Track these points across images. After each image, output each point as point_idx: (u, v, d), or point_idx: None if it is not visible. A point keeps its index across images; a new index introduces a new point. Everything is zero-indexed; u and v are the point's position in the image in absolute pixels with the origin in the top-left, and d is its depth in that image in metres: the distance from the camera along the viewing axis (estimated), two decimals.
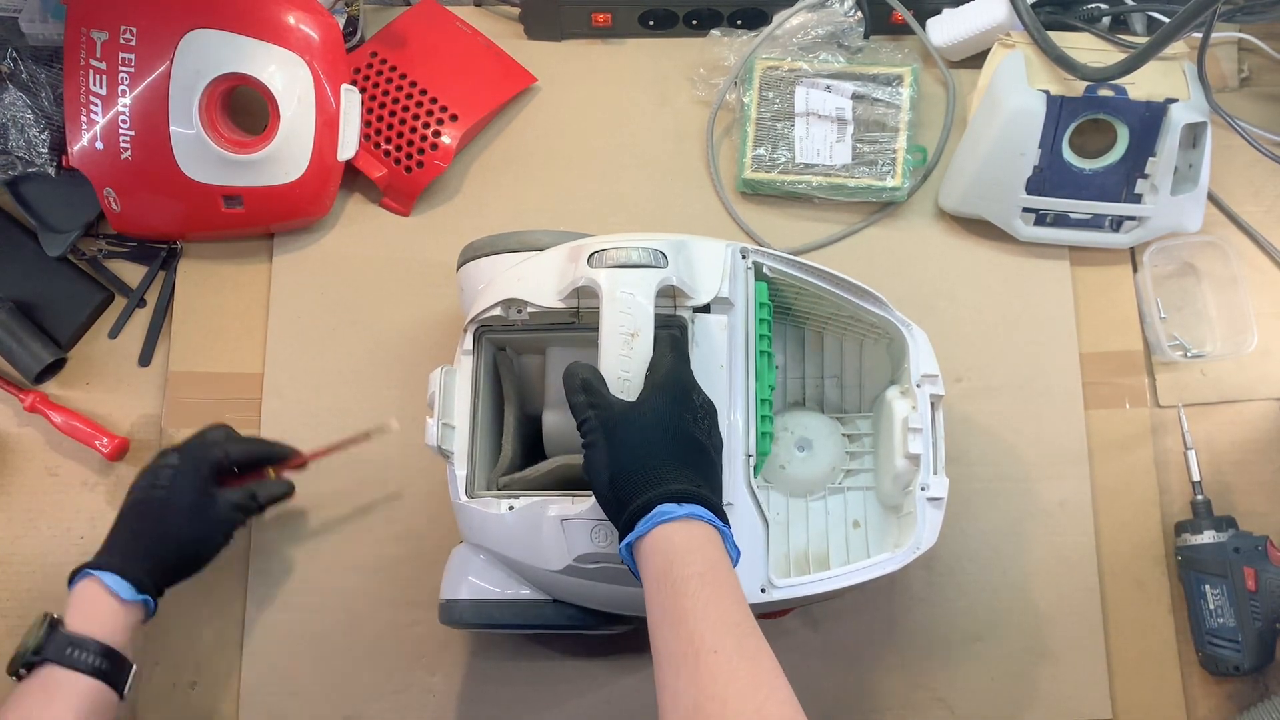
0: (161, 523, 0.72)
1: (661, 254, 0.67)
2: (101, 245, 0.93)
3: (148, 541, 0.71)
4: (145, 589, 0.69)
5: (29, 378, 0.88)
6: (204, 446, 0.76)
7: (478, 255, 0.78)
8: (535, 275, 0.72)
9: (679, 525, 0.57)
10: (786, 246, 0.93)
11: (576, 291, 0.69)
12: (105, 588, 0.67)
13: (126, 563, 0.69)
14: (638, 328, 0.64)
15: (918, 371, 0.76)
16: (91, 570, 0.68)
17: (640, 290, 0.65)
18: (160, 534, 0.72)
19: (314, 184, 0.89)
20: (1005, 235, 0.92)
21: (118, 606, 0.67)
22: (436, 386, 0.71)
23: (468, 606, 0.73)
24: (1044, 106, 0.87)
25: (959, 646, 0.84)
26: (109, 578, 0.68)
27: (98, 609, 0.67)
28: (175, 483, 0.73)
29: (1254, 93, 0.98)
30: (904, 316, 0.78)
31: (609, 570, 0.67)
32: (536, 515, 0.69)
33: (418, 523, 0.86)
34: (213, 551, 0.75)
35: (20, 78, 0.91)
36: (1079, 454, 0.88)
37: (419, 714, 0.82)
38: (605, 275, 0.66)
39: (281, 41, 0.87)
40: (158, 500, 0.73)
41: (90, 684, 0.65)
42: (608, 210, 0.94)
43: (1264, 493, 0.88)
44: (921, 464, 0.74)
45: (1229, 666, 0.81)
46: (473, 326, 0.74)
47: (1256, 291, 0.91)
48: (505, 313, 0.72)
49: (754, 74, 0.93)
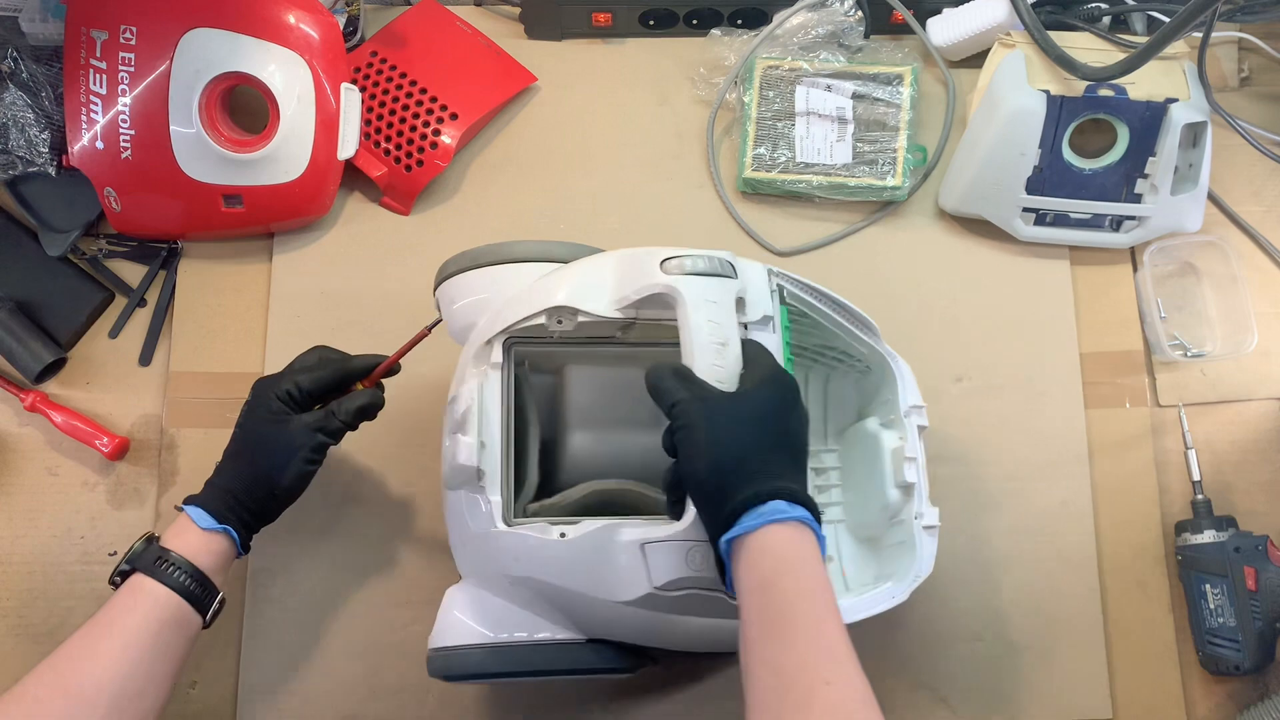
0: (236, 456, 0.74)
1: (731, 264, 0.65)
2: (102, 245, 0.93)
3: (228, 476, 0.73)
4: (224, 519, 0.71)
5: (29, 377, 0.88)
6: (276, 379, 0.75)
7: (474, 266, 0.73)
8: (583, 283, 0.67)
9: (790, 529, 0.54)
10: (787, 246, 0.93)
11: (641, 300, 0.64)
12: (189, 518, 0.70)
13: (208, 495, 0.72)
14: (727, 337, 0.61)
15: (906, 402, 0.75)
16: (184, 506, 0.72)
17: (724, 299, 0.62)
18: (236, 467, 0.73)
19: (314, 183, 0.89)
20: (1005, 235, 0.92)
21: (200, 535, 0.70)
22: (474, 401, 0.66)
23: (481, 654, 0.68)
24: (1044, 106, 0.87)
25: (959, 646, 0.84)
26: (192, 509, 0.71)
27: (184, 536, 0.70)
28: (247, 417, 0.75)
29: (1254, 93, 0.98)
30: (890, 349, 0.77)
31: (694, 599, 0.62)
32: (603, 541, 0.63)
33: (418, 522, 0.86)
34: (297, 475, 0.73)
35: (20, 77, 0.91)
36: (1079, 454, 0.88)
37: (419, 714, 0.82)
38: (685, 283, 0.62)
39: (281, 41, 0.87)
40: (235, 436, 0.75)
41: (173, 598, 0.67)
42: (607, 210, 0.94)
43: (1264, 493, 0.88)
44: (916, 493, 0.73)
45: (1229, 666, 0.81)
46: (502, 338, 0.69)
47: (1256, 291, 0.91)
48: (548, 322, 0.67)
49: (754, 73, 0.93)
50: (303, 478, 0.74)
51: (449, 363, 0.88)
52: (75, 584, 0.85)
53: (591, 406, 0.75)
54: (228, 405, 0.87)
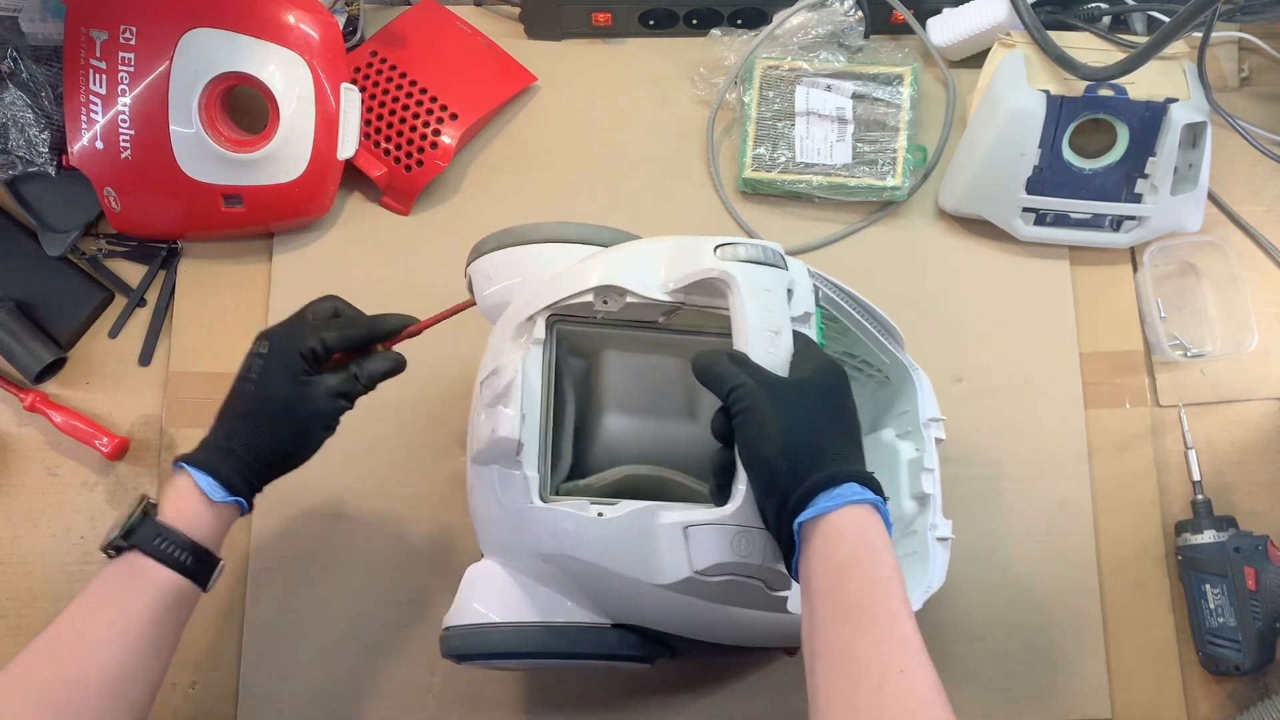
0: (251, 419, 0.68)
1: (781, 255, 0.64)
2: (101, 245, 0.93)
3: (241, 441, 0.67)
4: (237, 490, 0.66)
5: (29, 377, 0.88)
6: (296, 333, 0.69)
7: (518, 242, 0.72)
8: (634, 264, 0.66)
9: (863, 511, 0.53)
10: (787, 246, 0.92)
11: (691, 285, 0.64)
12: (196, 486, 0.65)
13: (219, 461, 0.66)
14: (780, 326, 0.61)
15: (924, 414, 0.75)
16: (185, 464, 0.66)
17: (776, 289, 0.62)
18: (252, 432, 0.67)
19: (314, 183, 0.89)
20: (1005, 235, 0.92)
21: (207, 506, 0.65)
22: (517, 374, 0.65)
23: (502, 634, 0.67)
24: (1044, 106, 0.87)
25: (959, 646, 0.84)
26: (200, 476, 0.65)
27: (188, 504, 0.65)
28: (264, 375, 0.68)
29: (1254, 93, 0.98)
30: (911, 359, 0.77)
31: (733, 585, 0.61)
32: (644, 523, 0.62)
33: (418, 523, 0.86)
34: (315, 445, 0.70)
35: (20, 77, 0.91)
36: (1079, 454, 0.88)
37: (419, 714, 0.82)
38: (739, 269, 0.61)
39: (281, 41, 0.87)
40: (249, 395, 0.68)
41: (173, 578, 0.63)
42: (608, 210, 0.94)
43: (1264, 493, 0.88)
44: (931, 504, 0.73)
45: (1229, 666, 0.81)
46: (545, 314, 0.68)
47: (1256, 291, 0.91)
48: (595, 300, 0.66)
49: (754, 73, 0.93)
50: (319, 444, 0.70)
51: (451, 367, 0.89)
52: (75, 584, 0.85)
53: (628, 391, 0.74)
54: None
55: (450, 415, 0.87)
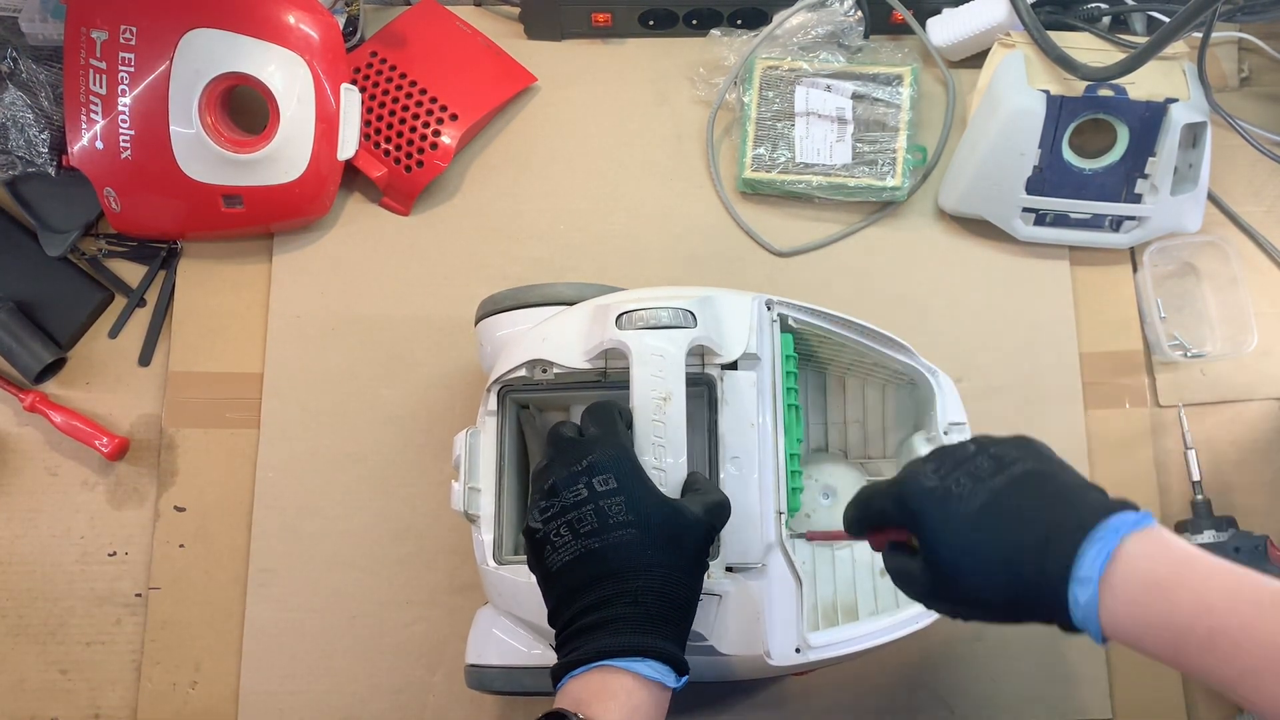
0: (651, 572, 0.53)
1: (690, 314, 0.65)
2: (101, 245, 0.93)
3: (656, 606, 0.53)
4: (683, 667, 0.54)
5: (29, 377, 0.88)
6: (617, 438, 0.59)
7: (497, 310, 0.76)
8: (560, 335, 0.69)
9: (1147, 537, 0.48)
10: (786, 246, 0.93)
11: (604, 353, 0.67)
12: (638, 677, 0.51)
13: (646, 639, 0.52)
14: (669, 391, 0.63)
15: (945, 419, 0.75)
16: (610, 661, 0.51)
17: (671, 353, 0.64)
18: (664, 588, 0.53)
19: (314, 183, 0.89)
20: (1005, 235, 0.92)
21: (661, 697, 0.52)
22: (462, 450, 0.69)
23: (496, 674, 0.71)
24: (1044, 106, 0.87)
25: (959, 646, 0.84)
26: (644, 665, 0.51)
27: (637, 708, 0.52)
28: (637, 510, 0.54)
29: (1254, 93, 0.98)
30: (930, 363, 0.77)
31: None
32: None
33: (418, 522, 0.86)
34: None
35: (20, 77, 0.91)
36: (1079, 454, 0.88)
37: (419, 714, 0.82)
38: (634, 338, 0.64)
39: (281, 41, 0.87)
40: (631, 544, 0.54)
41: None
42: (607, 210, 0.94)
43: (1264, 493, 0.88)
44: None
45: None
46: (496, 387, 0.72)
47: (1256, 291, 0.91)
48: (530, 373, 0.70)
49: (754, 74, 0.93)
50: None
51: (451, 367, 0.89)
52: (75, 584, 0.85)
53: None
54: (227, 405, 0.88)
55: (450, 415, 0.87)
